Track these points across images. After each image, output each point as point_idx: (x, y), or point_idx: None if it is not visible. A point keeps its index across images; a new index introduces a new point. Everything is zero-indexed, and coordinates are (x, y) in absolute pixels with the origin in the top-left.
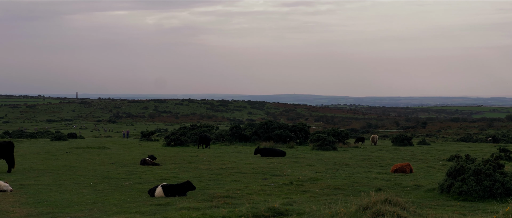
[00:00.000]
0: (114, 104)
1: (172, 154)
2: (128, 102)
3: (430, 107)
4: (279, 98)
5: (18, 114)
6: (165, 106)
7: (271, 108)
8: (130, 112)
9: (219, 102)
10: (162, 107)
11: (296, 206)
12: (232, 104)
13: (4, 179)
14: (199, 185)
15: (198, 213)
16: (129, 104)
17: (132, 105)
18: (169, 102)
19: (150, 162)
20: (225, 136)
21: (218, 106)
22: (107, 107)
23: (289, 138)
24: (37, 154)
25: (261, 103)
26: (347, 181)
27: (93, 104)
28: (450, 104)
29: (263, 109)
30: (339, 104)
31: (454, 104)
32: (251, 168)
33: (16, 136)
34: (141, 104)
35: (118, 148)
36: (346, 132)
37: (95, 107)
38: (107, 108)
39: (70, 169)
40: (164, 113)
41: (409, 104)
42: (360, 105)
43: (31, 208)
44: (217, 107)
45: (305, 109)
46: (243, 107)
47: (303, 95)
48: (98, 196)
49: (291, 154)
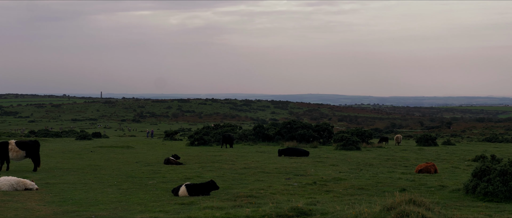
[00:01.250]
0: (138, 103)
1: (196, 154)
2: (152, 102)
3: (455, 107)
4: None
5: (44, 113)
6: (188, 106)
7: (294, 107)
8: (154, 112)
9: (242, 102)
10: (186, 106)
11: (319, 206)
12: (256, 104)
13: (30, 177)
14: (223, 185)
15: (222, 213)
16: (153, 104)
17: (156, 104)
18: (193, 101)
19: (173, 161)
20: (248, 135)
21: (241, 106)
22: (131, 106)
23: (312, 138)
24: (62, 153)
25: (284, 103)
26: (371, 181)
27: (117, 103)
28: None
29: (287, 108)
30: (362, 104)
31: (479, 104)
32: (275, 168)
33: (41, 135)
34: (165, 104)
35: (142, 148)
36: (369, 132)
37: (119, 107)
38: (131, 108)
39: (94, 168)
40: (188, 113)
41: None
42: (384, 105)
43: (56, 207)
44: (241, 106)
45: (329, 109)
46: (267, 107)
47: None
48: (123, 195)
49: (315, 154)
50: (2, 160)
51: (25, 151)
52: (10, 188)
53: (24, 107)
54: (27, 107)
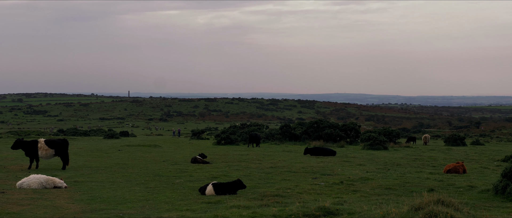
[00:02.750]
0: (165, 102)
1: (222, 153)
2: (179, 101)
3: (484, 107)
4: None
5: (72, 112)
6: (215, 105)
7: (321, 107)
8: (181, 111)
9: (269, 101)
10: (213, 106)
11: (346, 206)
12: (282, 103)
13: (59, 176)
14: (249, 184)
15: (249, 212)
16: (180, 103)
17: (182, 103)
18: (220, 101)
19: (200, 160)
20: (275, 135)
21: (268, 105)
22: (158, 105)
23: (339, 137)
24: (91, 151)
25: (311, 102)
26: (399, 181)
27: (144, 102)
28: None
29: (313, 108)
30: (390, 103)
31: (509, 103)
32: (301, 167)
33: (70, 134)
34: (192, 103)
35: (169, 146)
36: (397, 131)
37: (146, 106)
38: (159, 107)
39: (122, 166)
40: (215, 112)
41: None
42: (411, 104)
43: (85, 205)
44: (267, 106)
45: (356, 108)
46: (293, 106)
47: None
48: (150, 194)
49: (342, 153)
50: (32, 159)
51: (54, 149)
52: (40, 186)
53: (53, 106)
54: (56, 106)
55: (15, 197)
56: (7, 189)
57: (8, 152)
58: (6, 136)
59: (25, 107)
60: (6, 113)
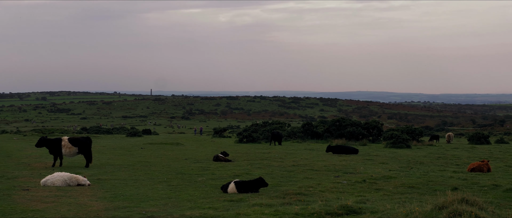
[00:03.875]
0: (187, 101)
1: (244, 151)
2: (201, 99)
3: (509, 105)
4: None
5: (95, 110)
6: (237, 103)
7: (343, 105)
8: (203, 109)
9: (291, 99)
10: (234, 104)
11: (369, 204)
12: (304, 101)
13: (82, 173)
14: (272, 182)
15: (271, 210)
16: (202, 101)
17: (204, 102)
18: (241, 99)
19: (222, 158)
20: (297, 133)
21: (290, 103)
22: (180, 104)
23: (361, 136)
24: (113, 149)
25: (333, 100)
26: (422, 179)
27: (167, 101)
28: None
29: (335, 106)
30: (412, 101)
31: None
32: (323, 166)
33: (93, 132)
34: (214, 101)
35: (191, 145)
36: (420, 129)
37: (168, 104)
38: (181, 105)
39: (145, 164)
40: (236, 110)
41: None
42: (434, 103)
43: (108, 202)
44: (289, 104)
45: (378, 106)
46: (315, 104)
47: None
48: (172, 191)
49: (364, 152)
50: (56, 156)
51: (77, 147)
52: (63, 183)
53: (76, 104)
54: (79, 104)
55: (40, 194)
56: (31, 186)
57: (33, 150)
58: (30, 134)
59: (49, 106)
60: (30, 111)
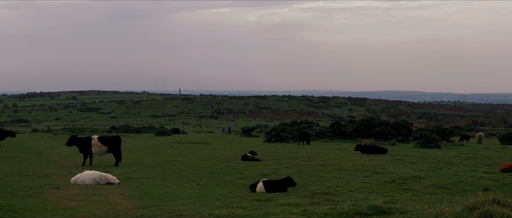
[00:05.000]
0: (215, 100)
1: (273, 150)
2: (229, 98)
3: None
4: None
5: (124, 109)
6: (265, 102)
7: (372, 104)
8: (231, 108)
9: (319, 99)
10: (263, 103)
11: (398, 205)
12: (333, 101)
13: (112, 172)
14: (300, 182)
15: (299, 210)
16: (230, 100)
17: (233, 101)
18: (270, 98)
19: (251, 157)
20: (325, 132)
21: (318, 103)
22: (208, 103)
23: (390, 135)
24: (142, 148)
25: (361, 100)
26: (452, 180)
27: (195, 100)
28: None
29: (364, 105)
30: (442, 101)
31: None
32: (352, 165)
33: (122, 131)
34: (242, 100)
35: (220, 144)
36: (450, 129)
37: (197, 103)
38: (209, 104)
39: (173, 163)
40: (264, 109)
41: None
42: (465, 102)
43: (137, 201)
44: (317, 103)
45: (407, 106)
46: (344, 104)
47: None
48: (201, 191)
49: (393, 152)
50: (86, 155)
51: (107, 146)
52: (93, 182)
53: (105, 104)
54: (109, 104)
55: (70, 192)
56: (62, 184)
57: (63, 149)
58: (60, 133)
59: (79, 105)
60: (60, 111)
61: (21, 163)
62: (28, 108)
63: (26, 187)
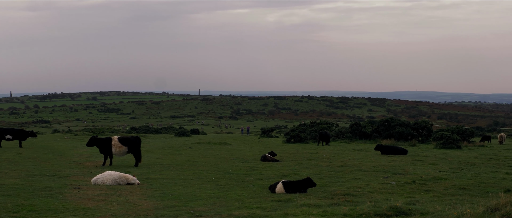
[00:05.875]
0: (235, 100)
1: (292, 151)
2: (249, 99)
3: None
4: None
5: (144, 110)
6: (284, 103)
7: (391, 105)
8: (250, 109)
9: (338, 99)
10: (282, 104)
11: (419, 206)
12: (352, 101)
13: (132, 172)
14: (319, 182)
15: (319, 210)
16: (249, 101)
17: (252, 101)
18: (289, 99)
19: (270, 158)
20: (345, 133)
21: (337, 103)
22: (228, 103)
23: (410, 136)
24: (162, 149)
25: (381, 100)
26: (473, 181)
27: (214, 100)
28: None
29: (384, 106)
30: (463, 101)
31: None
32: (372, 166)
33: (142, 132)
34: (261, 101)
35: (239, 144)
36: (471, 130)
37: (216, 104)
38: (228, 105)
39: (193, 164)
40: (284, 110)
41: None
42: (486, 102)
43: (157, 201)
44: (337, 104)
45: (428, 107)
46: (363, 104)
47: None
48: (220, 191)
49: (413, 152)
50: (106, 155)
51: (127, 146)
52: (113, 182)
53: (125, 104)
54: (129, 104)
55: (90, 192)
56: (82, 185)
57: (83, 149)
58: (81, 133)
59: (99, 105)
60: (81, 111)
61: (42, 163)
62: (49, 108)
63: (47, 187)
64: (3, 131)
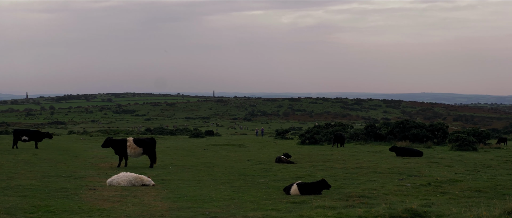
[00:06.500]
0: (249, 102)
1: (307, 153)
2: (263, 101)
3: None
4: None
5: (159, 112)
6: (299, 105)
7: (407, 107)
8: (265, 110)
9: (353, 101)
10: (296, 105)
11: (434, 208)
12: (367, 103)
13: (147, 174)
14: (334, 184)
15: (334, 212)
16: (264, 103)
17: (267, 103)
18: (303, 100)
19: (285, 160)
20: (359, 135)
21: (352, 105)
22: (242, 105)
23: (426, 138)
24: (177, 150)
25: (396, 102)
26: (489, 183)
27: (229, 102)
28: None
29: (399, 108)
30: (479, 103)
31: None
32: (387, 168)
33: (157, 133)
34: (276, 103)
35: (254, 146)
36: (487, 132)
37: (231, 105)
38: (243, 106)
39: (208, 165)
40: (298, 112)
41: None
42: (502, 104)
43: (172, 202)
44: (352, 105)
45: (443, 108)
46: (378, 106)
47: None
48: (235, 193)
49: (428, 154)
50: (121, 157)
51: (142, 148)
52: (129, 183)
53: (140, 106)
54: (144, 106)
55: (106, 194)
56: (98, 186)
57: (99, 150)
58: (96, 134)
59: (114, 107)
60: (96, 113)
61: (58, 164)
62: (65, 110)
63: (63, 188)
64: (19, 132)
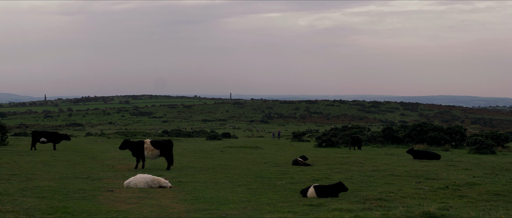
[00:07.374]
0: (266, 104)
1: (324, 155)
2: (280, 103)
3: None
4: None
5: (176, 114)
6: (316, 107)
7: (424, 109)
8: (282, 113)
9: (370, 103)
10: (313, 108)
11: (452, 211)
12: (384, 105)
13: (164, 176)
14: (351, 187)
15: (351, 215)
16: (281, 105)
17: (283, 105)
18: (320, 103)
19: (301, 162)
20: (377, 137)
21: (369, 107)
22: (259, 107)
23: (443, 141)
24: (194, 152)
25: (414, 105)
26: (508, 187)
27: (246, 104)
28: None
29: (416, 110)
30: (498, 106)
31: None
32: (404, 171)
33: (174, 135)
34: (293, 105)
35: (270, 148)
36: (506, 135)
37: (248, 108)
38: (260, 109)
39: (224, 167)
40: (315, 114)
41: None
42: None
43: (189, 204)
44: (369, 108)
45: (461, 111)
46: (395, 109)
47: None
48: (252, 195)
49: (446, 157)
50: (138, 159)
51: (159, 150)
52: (146, 185)
53: (157, 108)
54: (161, 108)
55: (123, 195)
56: (115, 187)
57: (116, 152)
58: (114, 136)
59: (131, 109)
60: (113, 115)
61: (76, 166)
62: (82, 112)
63: (80, 190)
64: (37, 134)
